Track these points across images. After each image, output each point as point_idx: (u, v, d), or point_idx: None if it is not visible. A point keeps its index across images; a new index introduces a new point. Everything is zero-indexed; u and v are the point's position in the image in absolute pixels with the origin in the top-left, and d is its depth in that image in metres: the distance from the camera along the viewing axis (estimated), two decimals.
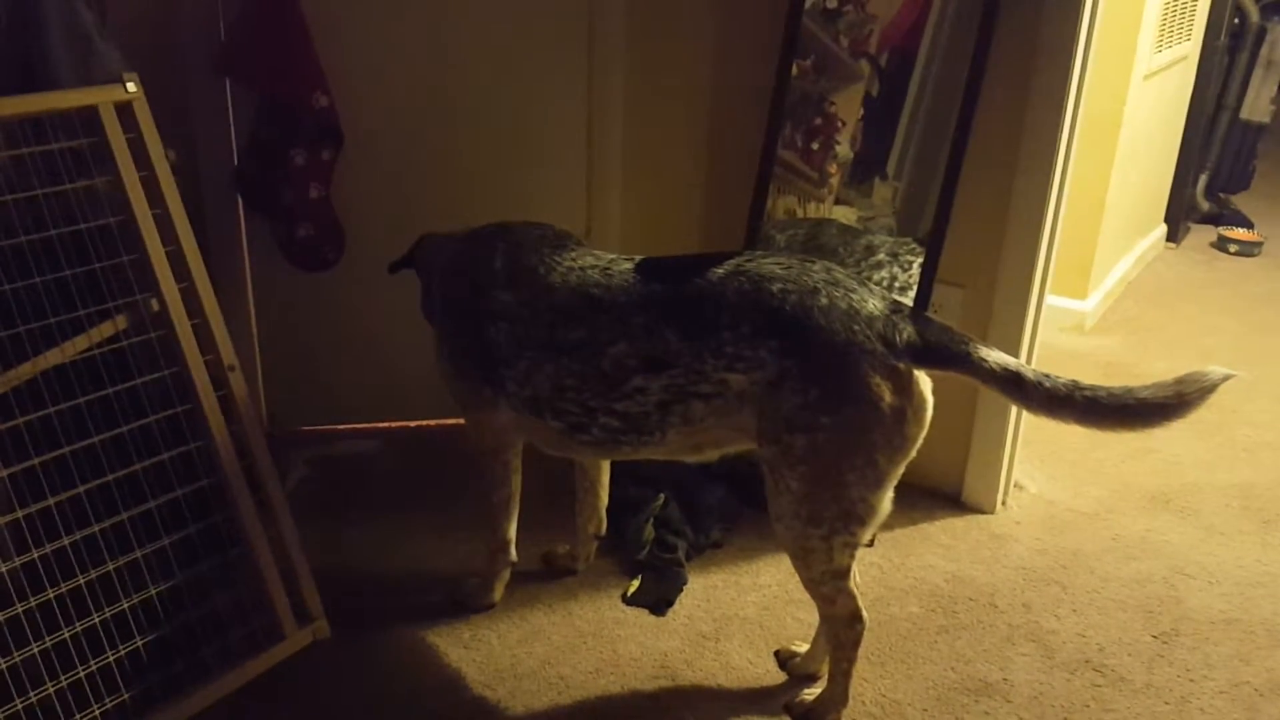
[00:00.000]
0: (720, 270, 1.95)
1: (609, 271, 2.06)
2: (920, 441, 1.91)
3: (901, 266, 2.66)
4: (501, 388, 2.16)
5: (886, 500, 1.93)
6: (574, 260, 2.11)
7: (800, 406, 1.84)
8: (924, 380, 1.89)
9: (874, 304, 1.87)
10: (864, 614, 2.02)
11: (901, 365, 1.83)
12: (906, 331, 1.84)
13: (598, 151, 3.07)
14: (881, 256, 2.69)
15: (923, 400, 1.88)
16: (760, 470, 1.95)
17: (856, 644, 2.04)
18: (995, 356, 1.82)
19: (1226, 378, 1.70)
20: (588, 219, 3.10)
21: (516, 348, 2.11)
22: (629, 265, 2.07)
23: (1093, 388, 1.76)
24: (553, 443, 2.20)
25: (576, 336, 2.03)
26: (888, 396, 1.82)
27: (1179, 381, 1.72)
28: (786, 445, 1.87)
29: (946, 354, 1.84)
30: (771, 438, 1.89)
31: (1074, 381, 1.78)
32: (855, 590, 2.01)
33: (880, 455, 1.86)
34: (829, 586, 1.98)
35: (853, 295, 1.87)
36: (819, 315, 1.84)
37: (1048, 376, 1.79)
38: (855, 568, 1.99)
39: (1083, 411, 1.76)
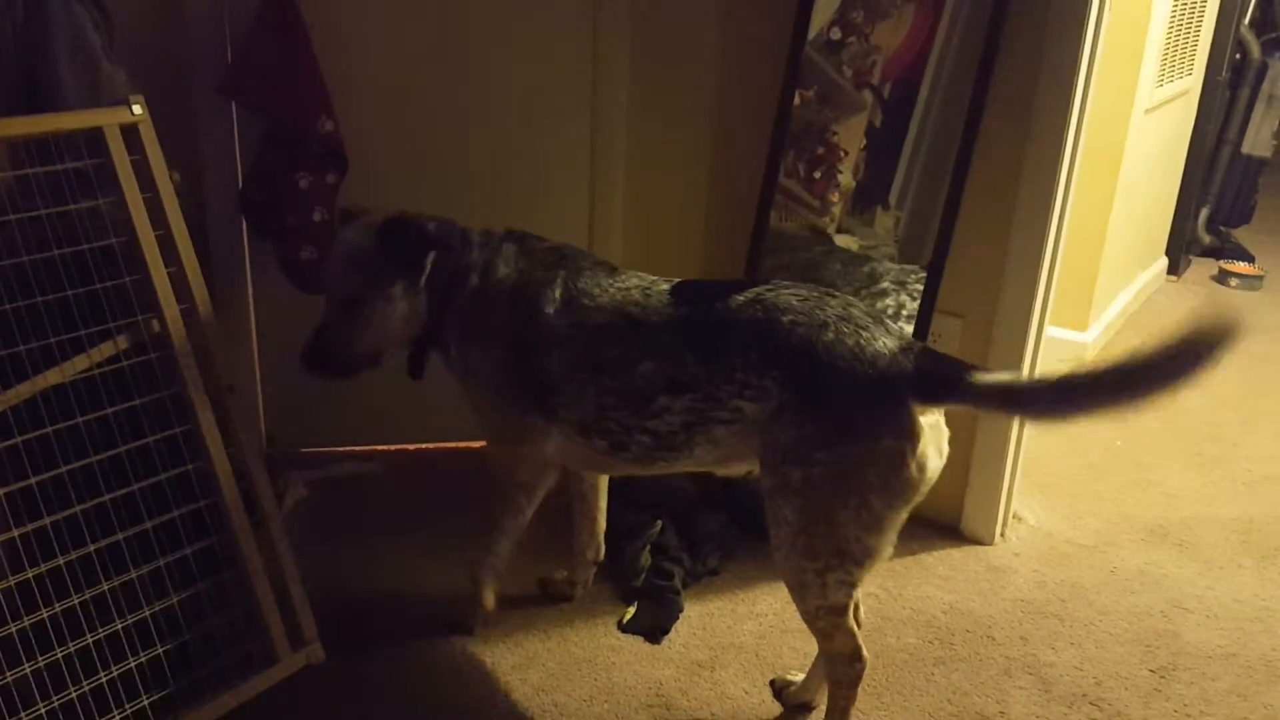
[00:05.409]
0: (741, 297, 1.97)
1: (648, 292, 2.09)
2: (924, 487, 1.86)
3: (910, 295, 2.65)
4: (554, 414, 2.15)
5: (885, 543, 1.90)
6: (622, 281, 2.14)
7: (797, 439, 1.84)
8: (933, 424, 1.86)
9: (884, 342, 1.85)
10: (864, 653, 2.00)
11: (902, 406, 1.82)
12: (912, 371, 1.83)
13: (600, 177, 3.08)
14: (886, 284, 2.69)
15: (926, 445, 1.84)
16: (762, 497, 1.95)
17: (856, 682, 2.02)
18: (993, 379, 1.82)
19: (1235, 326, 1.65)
20: (589, 245, 3.10)
21: (567, 372, 2.11)
22: (666, 287, 2.10)
23: (1091, 365, 1.73)
24: (595, 462, 2.23)
25: (613, 354, 2.05)
26: (885, 437, 1.81)
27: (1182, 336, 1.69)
28: (783, 477, 1.87)
29: (952, 395, 1.83)
30: (770, 468, 1.90)
31: (1069, 372, 1.73)
32: (855, 628, 1.99)
33: (874, 496, 1.83)
34: (825, 622, 1.96)
35: (862, 333, 1.86)
36: (822, 350, 1.84)
37: (1042, 378, 1.77)
38: (860, 606, 1.97)
39: (1085, 394, 1.73)
